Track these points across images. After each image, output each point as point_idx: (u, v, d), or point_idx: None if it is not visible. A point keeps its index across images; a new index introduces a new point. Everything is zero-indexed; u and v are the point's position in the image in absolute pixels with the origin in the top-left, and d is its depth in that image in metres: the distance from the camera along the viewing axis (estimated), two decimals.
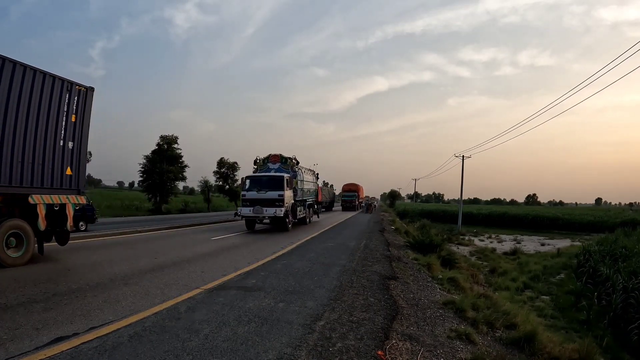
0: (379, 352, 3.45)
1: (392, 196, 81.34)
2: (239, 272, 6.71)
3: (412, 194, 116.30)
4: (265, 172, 16.57)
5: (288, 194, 14.97)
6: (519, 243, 26.80)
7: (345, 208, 44.37)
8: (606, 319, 8.43)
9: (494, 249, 22.35)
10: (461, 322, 5.00)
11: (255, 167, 17.84)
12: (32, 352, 3.18)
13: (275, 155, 17.32)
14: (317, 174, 22.90)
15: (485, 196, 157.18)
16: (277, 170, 16.62)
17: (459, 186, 41.94)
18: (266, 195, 14.55)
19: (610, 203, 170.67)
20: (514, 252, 20.96)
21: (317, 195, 22.69)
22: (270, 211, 14.33)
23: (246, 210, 14.69)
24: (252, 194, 14.70)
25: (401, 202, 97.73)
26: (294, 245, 10.65)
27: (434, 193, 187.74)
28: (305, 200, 18.88)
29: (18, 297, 4.82)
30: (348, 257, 8.86)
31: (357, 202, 45.43)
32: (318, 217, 23.66)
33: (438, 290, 7.02)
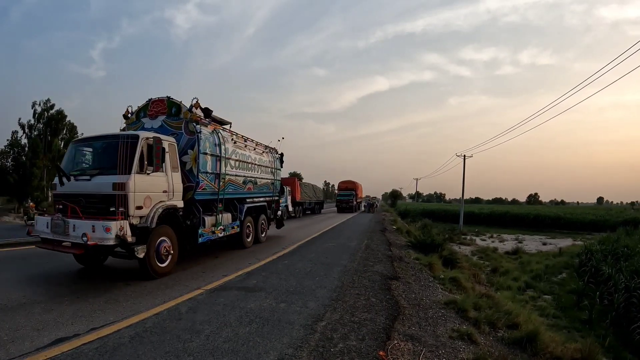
0: (381, 353, 3.43)
1: (394, 196, 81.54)
2: (240, 273, 6.70)
3: (413, 193, 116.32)
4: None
5: (150, 182, 5.99)
6: (520, 242, 26.75)
7: (341, 209, 37.46)
8: (608, 319, 8.42)
9: (495, 249, 22.30)
10: (463, 322, 4.98)
11: (124, 125, 8.14)
12: (32, 353, 3.19)
13: (158, 101, 7.72)
14: (282, 154, 12.99)
15: (487, 196, 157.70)
16: (157, 131, 7.16)
17: (460, 186, 41.90)
18: (87, 186, 5.77)
19: (611, 202, 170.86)
20: (516, 252, 20.92)
21: (279, 191, 12.79)
22: (82, 227, 5.30)
23: (42, 225, 5.96)
24: (64, 185, 6.02)
25: (402, 202, 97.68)
26: (294, 246, 10.64)
27: (435, 193, 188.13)
28: (243, 201, 9.77)
29: (19, 297, 4.82)
30: (349, 257, 8.84)
31: (354, 202, 39.73)
32: (278, 227, 13.78)
33: (440, 290, 6.99)
